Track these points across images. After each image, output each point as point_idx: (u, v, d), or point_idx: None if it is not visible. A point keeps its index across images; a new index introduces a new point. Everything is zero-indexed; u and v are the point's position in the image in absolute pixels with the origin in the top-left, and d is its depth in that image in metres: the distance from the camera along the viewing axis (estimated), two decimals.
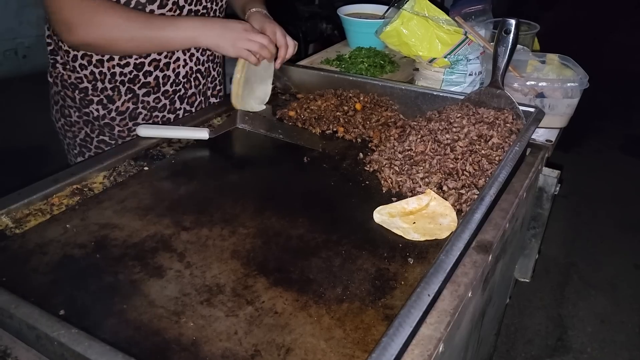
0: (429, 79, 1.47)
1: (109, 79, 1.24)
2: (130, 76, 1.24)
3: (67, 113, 1.32)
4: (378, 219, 0.91)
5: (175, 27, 1.15)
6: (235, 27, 1.18)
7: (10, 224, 0.87)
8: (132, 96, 1.27)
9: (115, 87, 1.25)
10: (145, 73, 1.25)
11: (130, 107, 1.28)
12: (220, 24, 1.19)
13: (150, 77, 1.26)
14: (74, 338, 0.58)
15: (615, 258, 2.81)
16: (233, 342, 0.66)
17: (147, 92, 1.28)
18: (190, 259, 0.80)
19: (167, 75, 1.28)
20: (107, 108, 1.27)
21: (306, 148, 1.14)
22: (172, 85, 1.30)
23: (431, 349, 0.65)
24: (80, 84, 1.25)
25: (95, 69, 1.23)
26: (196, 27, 1.16)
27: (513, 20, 1.11)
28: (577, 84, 1.24)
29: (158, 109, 1.31)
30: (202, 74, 1.37)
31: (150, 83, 1.27)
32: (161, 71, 1.27)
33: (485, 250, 0.83)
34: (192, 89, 1.35)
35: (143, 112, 1.30)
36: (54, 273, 0.77)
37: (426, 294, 0.63)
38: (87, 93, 1.26)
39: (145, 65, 1.24)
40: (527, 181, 1.04)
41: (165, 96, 1.31)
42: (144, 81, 1.26)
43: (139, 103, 1.28)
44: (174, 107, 1.34)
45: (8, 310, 0.63)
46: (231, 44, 1.17)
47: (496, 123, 1.09)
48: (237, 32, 1.18)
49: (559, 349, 2.30)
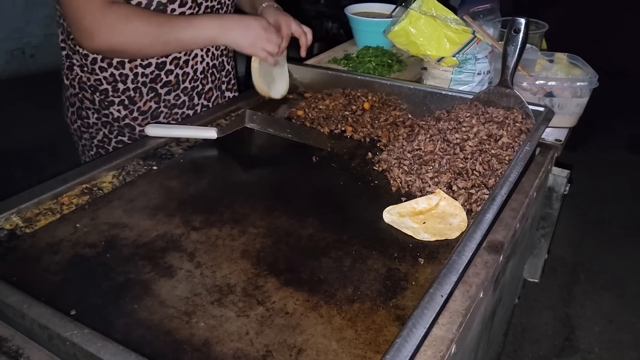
0: (437, 78, 1.46)
1: (132, 80, 1.24)
2: (152, 76, 1.25)
3: (84, 115, 1.31)
4: (388, 219, 0.91)
5: (194, 28, 1.16)
6: (254, 26, 1.20)
7: (21, 224, 0.87)
8: (154, 95, 1.28)
9: (137, 88, 1.26)
10: (167, 72, 1.26)
11: (152, 107, 1.29)
12: (239, 22, 1.20)
13: (172, 75, 1.27)
14: (87, 338, 0.58)
15: (622, 258, 2.80)
16: (244, 342, 0.66)
17: (168, 90, 1.29)
18: (201, 259, 0.80)
19: (187, 72, 1.30)
20: (129, 108, 1.28)
21: (315, 147, 1.14)
22: (190, 82, 1.32)
23: (444, 350, 0.64)
24: (100, 86, 1.25)
25: (115, 71, 1.23)
26: (215, 26, 1.18)
27: (523, 19, 1.10)
28: (586, 83, 1.23)
29: (178, 106, 1.32)
30: (217, 69, 1.38)
31: (172, 81, 1.28)
32: (181, 69, 1.28)
33: (496, 251, 0.83)
34: (209, 84, 1.36)
35: (164, 111, 1.31)
36: (65, 273, 0.77)
37: (439, 295, 0.63)
38: (108, 95, 1.26)
39: (167, 64, 1.26)
40: (537, 181, 1.03)
41: (185, 93, 1.32)
42: (165, 80, 1.27)
43: (161, 102, 1.29)
44: (193, 103, 1.35)
45: (20, 310, 0.63)
46: (250, 44, 1.20)
47: (506, 122, 1.09)
48: (256, 31, 1.20)
49: (567, 349, 2.29)
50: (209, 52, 1.33)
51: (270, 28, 1.22)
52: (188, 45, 1.20)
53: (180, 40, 1.16)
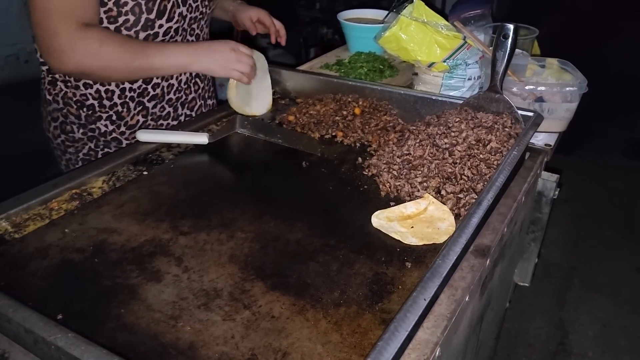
0: (428, 84, 1.47)
1: (118, 95, 1.24)
2: (139, 90, 1.26)
3: (69, 129, 1.29)
4: (376, 223, 0.91)
5: (166, 56, 1.16)
6: (223, 50, 1.21)
7: (10, 229, 0.88)
8: (142, 109, 1.28)
9: (124, 103, 1.26)
10: (154, 85, 1.27)
11: (139, 120, 1.29)
12: (208, 48, 1.21)
13: (158, 88, 1.28)
14: (70, 342, 0.58)
15: (617, 262, 2.80)
16: (230, 346, 0.67)
17: (155, 103, 1.29)
18: (188, 264, 0.81)
19: (172, 83, 1.30)
20: (116, 123, 1.28)
21: (305, 153, 1.15)
22: (175, 93, 1.32)
23: (428, 353, 0.65)
24: (86, 102, 1.24)
25: (102, 87, 1.23)
26: (186, 54, 1.18)
27: (511, 24, 1.11)
28: (576, 88, 1.24)
29: (163, 117, 1.33)
30: (200, 78, 1.39)
31: (158, 94, 1.29)
32: (166, 80, 1.29)
33: (483, 255, 0.83)
34: (192, 94, 1.37)
35: (151, 124, 1.31)
36: (53, 277, 0.78)
37: (422, 298, 0.63)
38: (95, 110, 1.25)
39: (154, 78, 1.26)
40: (525, 185, 1.04)
41: (170, 104, 1.32)
42: (152, 93, 1.28)
43: (148, 115, 1.30)
44: (177, 114, 1.35)
45: (6, 315, 0.63)
46: (221, 67, 1.21)
47: (495, 127, 1.09)
48: (225, 55, 1.21)
49: (560, 353, 2.29)
50: None
51: (239, 48, 1.23)
52: (159, 72, 1.21)
53: (152, 68, 1.16)
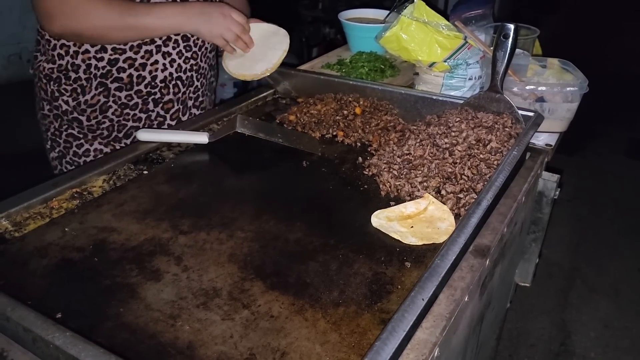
0: (429, 84, 1.47)
1: (84, 70, 1.26)
2: (103, 71, 1.26)
3: (40, 106, 1.35)
4: (376, 223, 0.91)
5: (156, 15, 1.18)
6: (214, 14, 1.22)
7: (10, 228, 0.88)
8: (104, 90, 1.28)
9: (88, 79, 1.27)
10: (119, 69, 1.27)
11: (100, 100, 1.29)
12: (200, 10, 1.22)
13: (124, 73, 1.27)
14: (68, 341, 0.58)
15: (619, 262, 2.80)
16: (228, 345, 0.67)
17: (119, 87, 1.29)
18: (188, 263, 0.81)
19: (142, 75, 1.29)
20: (77, 100, 1.29)
21: (305, 152, 1.15)
22: (146, 87, 1.31)
23: (426, 353, 0.65)
24: (53, 74, 1.28)
25: (70, 59, 1.25)
26: (177, 13, 1.20)
27: (512, 24, 1.11)
28: (576, 88, 1.23)
29: (130, 107, 1.32)
30: (182, 82, 1.36)
31: (123, 79, 1.28)
32: (136, 70, 1.28)
33: (482, 255, 0.83)
34: (169, 95, 1.35)
35: (113, 107, 1.31)
36: (52, 276, 0.78)
37: (420, 298, 0.63)
38: (60, 83, 1.28)
39: (120, 62, 1.26)
40: (526, 185, 1.04)
41: (139, 95, 1.31)
42: (116, 76, 1.27)
43: (110, 97, 1.29)
44: (147, 108, 1.34)
45: (4, 313, 0.63)
46: (209, 31, 1.23)
47: (495, 127, 1.09)
48: (215, 20, 1.22)
49: (562, 353, 2.29)
50: (174, 62, 1.32)
51: (230, 16, 1.24)
52: (151, 31, 1.21)
53: (144, 26, 1.18)
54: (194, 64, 1.37)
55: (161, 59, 1.30)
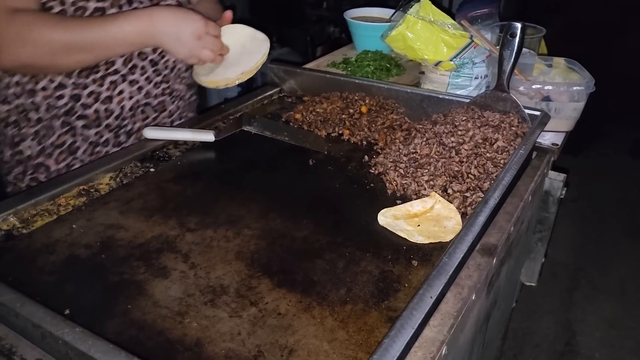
0: (435, 82, 1.47)
1: (45, 109, 1.13)
2: (66, 108, 1.14)
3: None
4: (382, 222, 0.91)
5: (115, 31, 1.02)
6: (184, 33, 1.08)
7: (18, 224, 0.88)
8: (70, 129, 1.16)
9: (51, 119, 1.14)
10: (83, 105, 1.15)
11: (68, 141, 1.17)
12: (168, 26, 1.07)
13: (89, 109, 1.16)
14: (78, 337, 0.58)
15: (624, 263, 2.79)
16: (236, 342, 0.67)
17: (85, 125, 1.17)
18: (195, 260, 0.81)
19: (111, 108, 1.18)
20: (42, 144, 1.17)
21: (312, 150, 1.15)
22: (117, 119, 1.19)
23: (434, 352, 0.65)
24: (10, 117, 1.16)
25: (29, 98, 1.12)
26: (140, 30, 1.05)
27: (519, 23, 1.11)
28: (583, 88, 1.23)
29: (101, 144, 1.21)
30: (153, 108, 1.25)
31: (89, 116, 1.16)
32: (103, 103, 1.16)
33: (489, 253, 0.83)
34: (139, 123, 1.24)
35: (83, 146, 1.19)
36: (60, 273, 0.78)
37: (428, 296, 0.63)
38: (20, 126, 1.16)
39: (83, 97, 1.14)
40: (532, 184, 1.04)
41: (109, 130, 1.20)
42: (81, 113, 1.15)
43: (78, 136, 1.18)
44: (119, 141, 1.23)
45: (14, 309, 0.64)
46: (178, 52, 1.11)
47: (501, 126, 1.09)
48: (186, 39, 1.09)
49: (567, 353, 2.28)
50: (142, 89, 1.21)
51: (205, 35, 1.11)
52: (111, 49, 1.06)
53: (100, 44, 1.02)
54: (165, 88, 1.26)
55: (127, 87, 1.18)
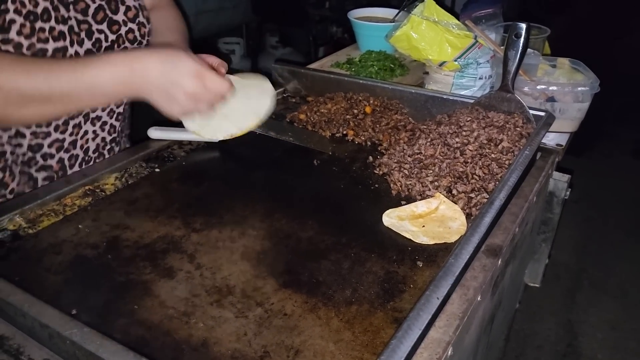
0: (439, 83, 1.47)
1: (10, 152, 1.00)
2: (24, 159, 1.01)
3: None
4: (387, 222, 0.91)
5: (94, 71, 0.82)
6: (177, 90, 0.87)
7: (24, 224, 0.88)
8: (28, 179, 1.04)
9: (5, 168, 1.00)
10: (45, 155, 1.02)
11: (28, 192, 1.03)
12: (160, 67, 0.85)
13: (53, 159, 1.04)
14: (86, 337, 0.58)
15: (626, 264, 2.79)
16: (242, 343, 0.67)
17: (49, 176, 1.05)
18: (201, 260, 0.81)
19: (75, 154, 1.07)
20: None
21: (316, 151, 1.15)
22: (82, 164, 1.09)
23: (440, 353, 0.65)
24: None
25: None
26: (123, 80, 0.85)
27: (524, 24, 1.11)
28: (587, 88, 1.23)
29: None
30: (117, 143, 1.17)
31: (53, 167, 1.04)
32: (67, 152, 1.05)
33: (494, 254, 0.83)
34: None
35: None
36: (66, 273, 0.78)
37: (435, 297, 0.63)
38: None
39: (45, 146, 1.00)
40: (537, 185, 1.04)
41: None
42: (42, 164, 1.03)
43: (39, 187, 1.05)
44: None
45: (21, 309, 0.64)
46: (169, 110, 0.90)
47: (506, 127, 1.09)
48: (178, 97, 0.87)
49: (569, 355, 2.28)
50: (106, 125, 1.11)
51: (203, 88, 0.89)
52: (82, 101, 0.86)
53: (69, 94, 0.82)
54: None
55: (90, 127, 1.06)
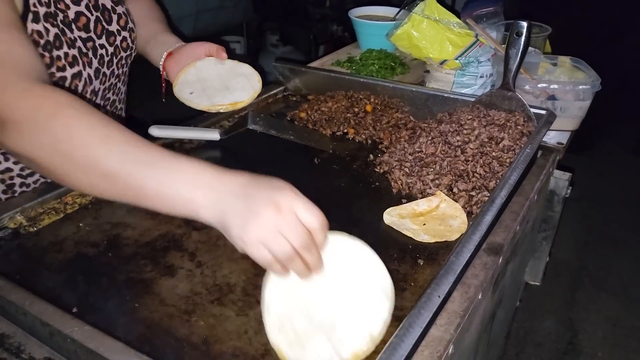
0: (440, 81, 1.47)
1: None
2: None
3: None
4: (388, 220, 0.91)
5: (172, 179, 0.65)
6: (264, 213, 0.62)
7: (25, 223, 0.88)
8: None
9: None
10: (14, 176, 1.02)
11: None
12: (242, 200, 0.64)
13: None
14: (87, 335, 0.58)
15: (626, 262, 2.79)
16: (243, 341, 0.67)
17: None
18: (201, 259, 0.81)
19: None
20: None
21: (317, 149, 1.15)
22: None
23: (441, 350, 0.65)
24: None
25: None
26: (203, 189, 0.65)
27: (525, 22, 1.11)
28: (588, 87, 1.23)
29: None
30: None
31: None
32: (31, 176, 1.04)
33: (495, 253, 0.83)
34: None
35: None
36: (67, 271, 0.78)
37: (436, 295, 0.63)
38: None
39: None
40: (538, 183, 1.04)
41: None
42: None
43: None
44: None
45: (22, 307, 0.64)
46: (250, 241, 0.62)
47: (507, 125, 1.09)
48: (267, 224, 0.62)
49: (569, 352, 2.28)
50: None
51: (293, 214, 0.64)
52: (146, 199, 0.67)
53: (135, 184, 0.65)
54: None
55: None
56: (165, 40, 1.19)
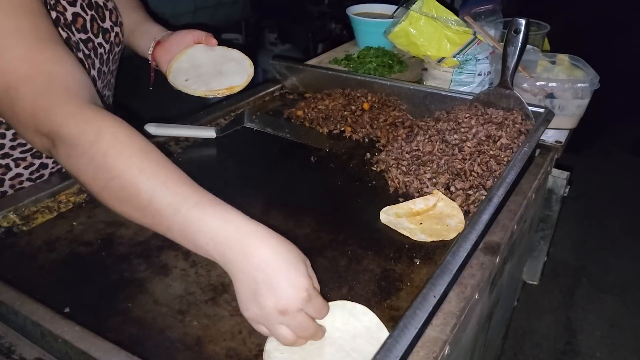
0: (438, 79, 1.46)
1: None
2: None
3: None
4: (385, 220, 0.90)
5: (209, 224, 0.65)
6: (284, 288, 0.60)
7: (18, 221, 0.87)
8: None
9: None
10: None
11: None
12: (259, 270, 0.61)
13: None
14: (78, 335, 0.58)
15: (625, 261, 2.78)
16: (237, 341, 0.66)
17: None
18: (196, 258, 0.80)
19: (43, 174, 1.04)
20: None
21: (313, 147, 1.14)
22: None
23: (437, 351, 0.64)
24: None
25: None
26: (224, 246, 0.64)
27: (523, 19, 1.10)
28: (587, 85, 1.22)
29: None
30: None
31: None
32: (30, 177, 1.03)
33: (492, 252, 0.82)
34: None
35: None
36: (60, 270, 0.77)
37: (432, 295, 0.63)
38: None
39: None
40: (535, 182, 1.03)
41: None
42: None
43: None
44: None
45: (13, 307, 0.63)
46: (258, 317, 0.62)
47: (505, 123, 1.08)
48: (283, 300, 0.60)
49: (568, 352, 2.28)
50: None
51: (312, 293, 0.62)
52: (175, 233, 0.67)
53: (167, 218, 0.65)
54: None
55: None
56: (149, 29, 1.17)
